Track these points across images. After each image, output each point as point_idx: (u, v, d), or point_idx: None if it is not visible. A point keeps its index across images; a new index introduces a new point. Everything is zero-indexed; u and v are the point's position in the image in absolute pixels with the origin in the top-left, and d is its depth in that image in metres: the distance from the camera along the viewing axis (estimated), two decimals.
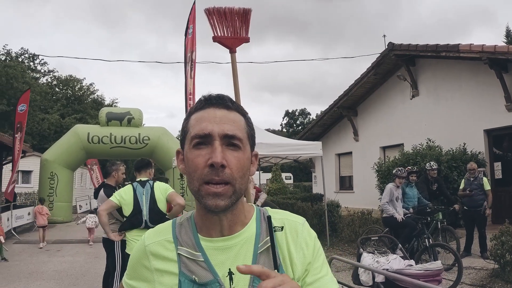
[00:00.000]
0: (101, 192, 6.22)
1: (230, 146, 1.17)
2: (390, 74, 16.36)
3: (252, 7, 3.51)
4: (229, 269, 1.18)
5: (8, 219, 14.34)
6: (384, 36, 22.95)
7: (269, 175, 31.15)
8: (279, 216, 1.30)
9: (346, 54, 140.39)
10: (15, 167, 15.48)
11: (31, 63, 44.23)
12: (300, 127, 63.49)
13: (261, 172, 21.69)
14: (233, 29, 3.45)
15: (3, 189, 16.29)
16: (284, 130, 69.96)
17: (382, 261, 5.59)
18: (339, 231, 12.85)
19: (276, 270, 1.18)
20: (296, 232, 1.26)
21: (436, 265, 5.38)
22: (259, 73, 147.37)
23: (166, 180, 8.50)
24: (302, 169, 42.76)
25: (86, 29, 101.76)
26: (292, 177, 47.05)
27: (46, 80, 46.39)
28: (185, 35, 9.56)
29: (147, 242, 1.28)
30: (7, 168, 19.87)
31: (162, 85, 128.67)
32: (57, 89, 46.53)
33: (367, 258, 5.78)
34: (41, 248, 12.67)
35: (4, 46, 40.44)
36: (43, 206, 13.93)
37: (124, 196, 5.17)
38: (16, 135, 15.48)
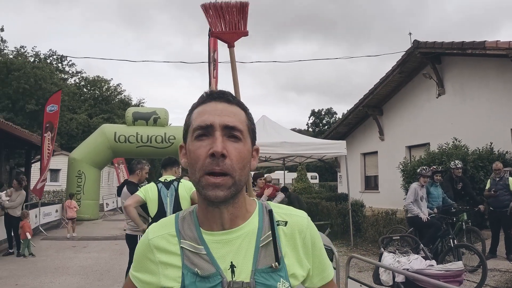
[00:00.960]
0: (125, 189, 6.33)
1: (231, 137, 1.19)
2: (415, 73, 16.12)
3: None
4: (231, 262, 1.20)
5: (36, 216, 14.75)
6: (410, 34, 22.54)
7: (294, 175, 31.11)
8: (282, 211, 1.31)
9: (372, 53, 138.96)
10: (45, 165, 15.80)
11: (59, 65, 44.99)
12: (326, 127, 63.10)
13: (286, 171, 21.66)
14: (230, 23, 3.39)
15: (32, 187, 16.67)
16: (310, 129, 69.69)
17: (403, 261, 5.55)
18: (363, 231, 12.76)
19: (277, 263, 1.20)
20: (301, 229, 1.28)
21: (457, 265, 5.31)
22: (285, 73, 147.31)
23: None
24: (328, 169, 42.59)
25: (113, 31, 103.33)
26: (317, 177, 46.82)
27: (74, 81, 47.15)
28: (208, 35, 9.60)
29: (150, 236, 1.30)
30: (35, 167, 20.31)
31: (189, 85, 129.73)
32: (85, 90, 47.18)
33: (388, 258, 5.74)
34: (68, 238, 13.75)
35: (32, 48, 41.29)
36: (71, 201, 14.99)
37: (149, 192, 5.28)
38: (45, 135, 15.78)
